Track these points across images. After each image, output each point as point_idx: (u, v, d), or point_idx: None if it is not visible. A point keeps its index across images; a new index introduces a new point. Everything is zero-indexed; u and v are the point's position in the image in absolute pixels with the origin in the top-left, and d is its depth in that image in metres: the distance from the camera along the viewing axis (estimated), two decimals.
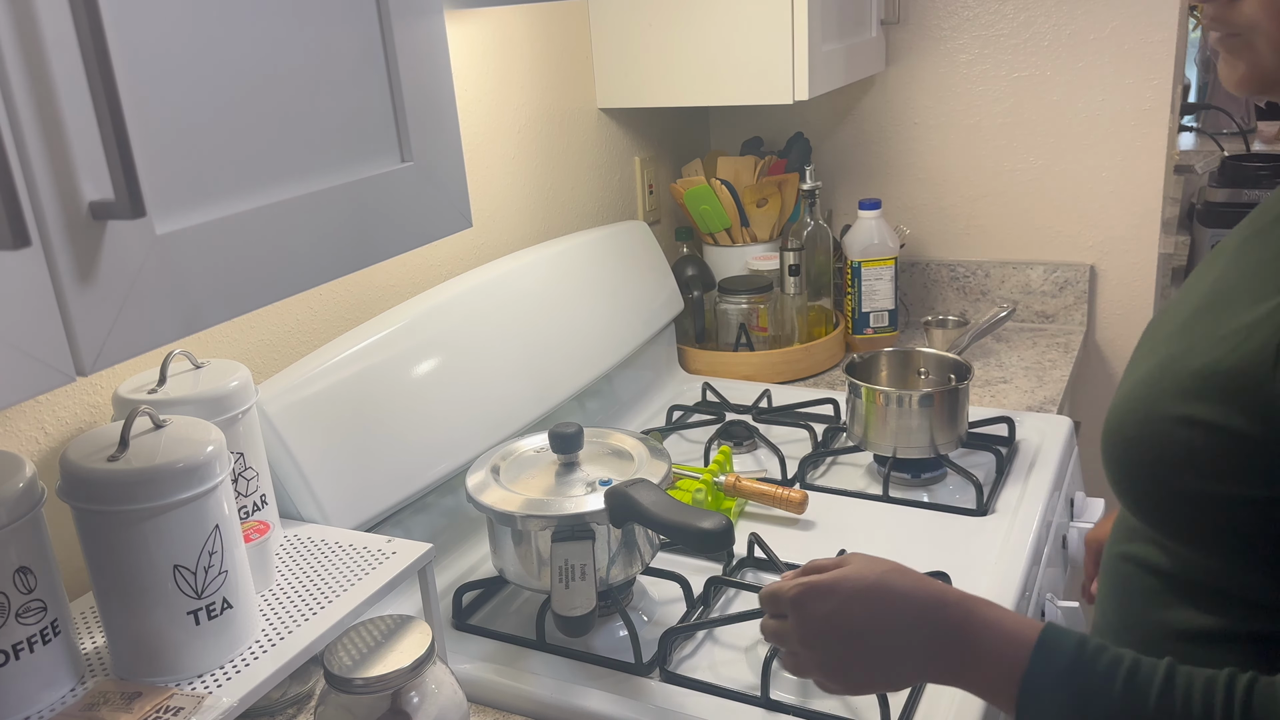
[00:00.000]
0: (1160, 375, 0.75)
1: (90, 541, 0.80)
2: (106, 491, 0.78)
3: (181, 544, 0.80)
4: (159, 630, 0.81)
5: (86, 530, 0.80)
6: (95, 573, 0.81)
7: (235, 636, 0.85)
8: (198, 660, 0.83)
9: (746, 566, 1.25)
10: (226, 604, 0.84)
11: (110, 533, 0.79)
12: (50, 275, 0.55)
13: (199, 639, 0.83)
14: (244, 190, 0.66)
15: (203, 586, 0.82)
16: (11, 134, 0.53)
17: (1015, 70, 1.95)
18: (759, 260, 1.92)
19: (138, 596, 0.80)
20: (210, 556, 0.82)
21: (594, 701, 1.02)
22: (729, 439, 1.56)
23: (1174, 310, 0.82)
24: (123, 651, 0.83)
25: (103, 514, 0.78)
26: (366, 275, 1.32)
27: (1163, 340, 0.79)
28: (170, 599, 0.81)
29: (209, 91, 0.63)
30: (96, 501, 0.78)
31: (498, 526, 1.12)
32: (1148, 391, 0.75)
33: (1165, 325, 0.81)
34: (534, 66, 1.61)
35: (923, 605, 0.76)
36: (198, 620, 0.82)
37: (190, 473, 0.80)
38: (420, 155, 0.80)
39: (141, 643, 0.82)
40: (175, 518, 0.79)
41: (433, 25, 0.80)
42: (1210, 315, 0.74)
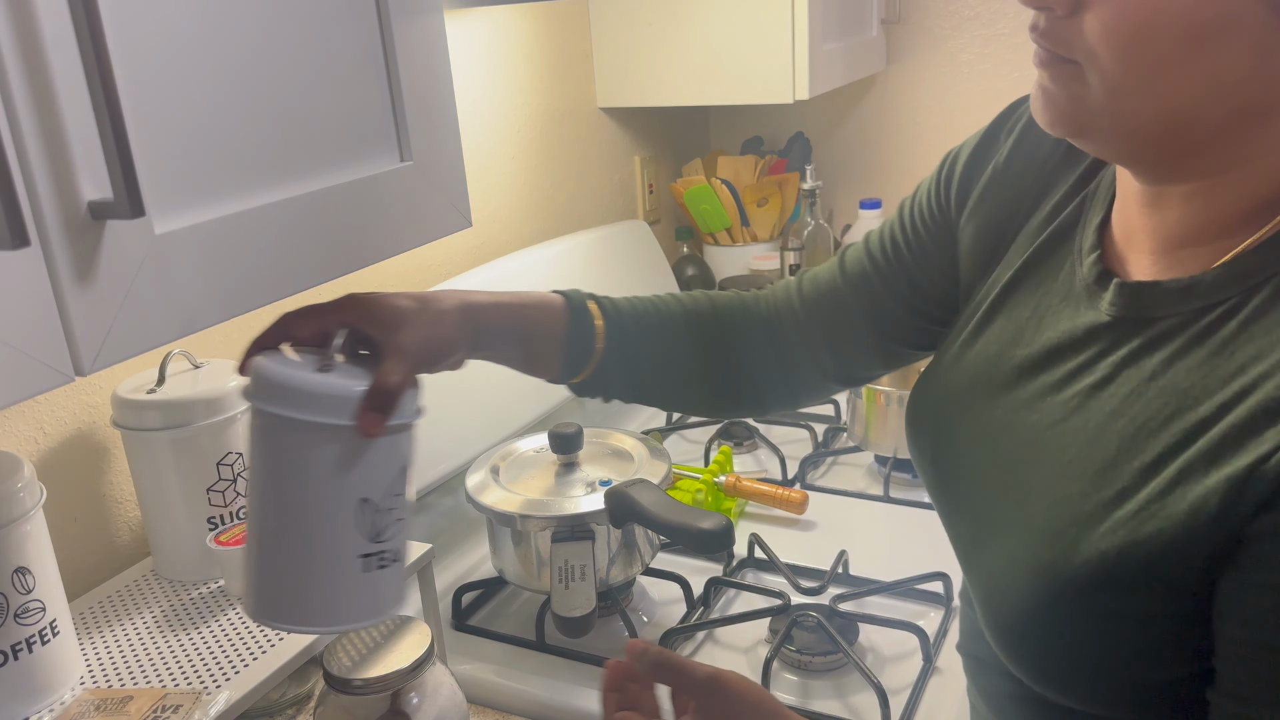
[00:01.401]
0: (1047, 563, 0.61)
1: (271, 457, 0.68)
2: (318, 401, 0.65)
3: (373, 476, 0.67)
4: (323, 568, 0.67)
5: (272, 442, 0.67)
6: (265, 491, 0.68)
7: (386, 597, 0.69)
8: (348, 610, 0.68)
9: (747, 567, 1.25)
10: (395, 557, 0.69)
11: (305, 449, 0.66)
12: (49, 275, 0.55)
13: (361, 587, 0.68)
14: (243, 190, 0.66)
15: (381, 530, 0.68)
16: (10, 133, 0.53)
17: (1016, 69, 1.95)
18: (759, 260, 1.92)
19: (313, 525, 0.67)
20: (395, 499, 0.69)
21: (594, 702, 1.02)
22: (729, 439, 1.56)
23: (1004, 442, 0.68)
24: (268, 589, 0.68)
25: (309, 425, 0.65)
26: (366, 275, 1.32)
27: (1007, 493, 0.66)
28: (345, 535, 0.67)
29: (208, 91, 0.63)
30: (303, 409, 0.65)
31: (498, 527, 1.12)
32: (1039, 581, 0.61)
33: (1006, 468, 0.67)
34: (534, 66, 1.61)
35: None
36: (366, 567, 0.68)
37: (409, 397, 0.69)
38: (420, 155, 0.80)
39: (299, 580, 0.67)
40: (379, 444, 0.67)
41: (433, 25, 0.79)
42: (1079, 484, 0.61)
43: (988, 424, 0.70)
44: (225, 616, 0.91)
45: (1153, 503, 0.57)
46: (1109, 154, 0.61)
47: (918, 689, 1.01)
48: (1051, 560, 0.61)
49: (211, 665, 0.84)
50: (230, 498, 0.97)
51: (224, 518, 0.97)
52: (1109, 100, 0.56)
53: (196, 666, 0.84)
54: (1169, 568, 0.56)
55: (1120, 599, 0.58)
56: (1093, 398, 0.63)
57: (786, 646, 1.05)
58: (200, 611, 0.92)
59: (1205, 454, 0.55)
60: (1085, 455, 0.61)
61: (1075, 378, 0.64)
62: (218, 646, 0.87)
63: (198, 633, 0.89)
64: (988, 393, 0.71)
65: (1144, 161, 0.60)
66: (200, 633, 0.89)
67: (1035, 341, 0.68)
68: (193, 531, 0.96)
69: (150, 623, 0.91)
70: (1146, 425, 0.59)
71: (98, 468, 1.01)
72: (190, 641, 0.88)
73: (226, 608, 0.93)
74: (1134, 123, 0.56)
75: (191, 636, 0.88)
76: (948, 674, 1.03)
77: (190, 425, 0.93)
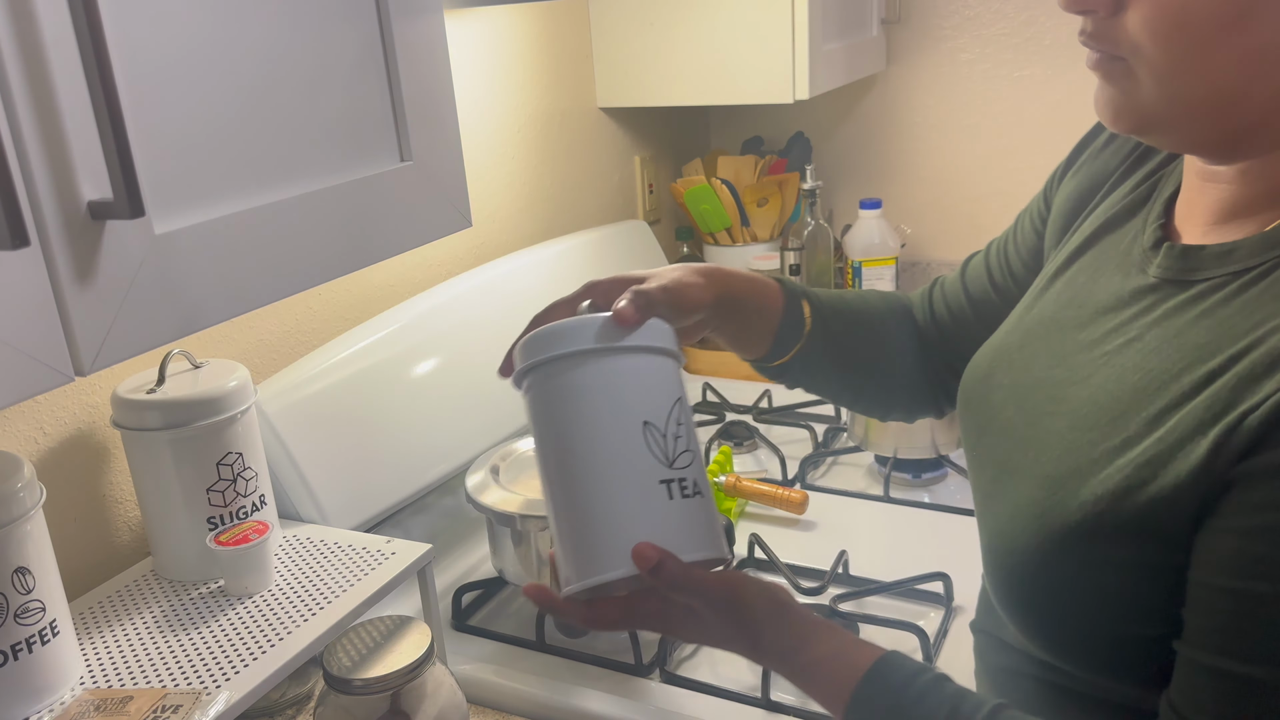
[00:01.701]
0: (1046, 505, 0.64)
1: (555, 407, 0.70)
2: (576, 332, 0.69)
3: (649, 399, 0.68)
4: (631, 499, 0.67)
5: (551, 395, 0.70)
6: (559, 448, 0.69)
7: (702, 533, 0.67)
8: (672, 540, 0.65)
9: (747, 567, 1.24)
10: (697, 489, 0.68)
11: (579, 386, 0.69)
12: (49, 275, 0.55)
13: (673, 515, 0.66)
14: (243, 190, 0.66)
15: (673, 456, 0.67)
16: (10, 134, 0.53)
17: (1017, 69, 1.95)
18: (759, 260, 1.92)
19: (608, 459, 0.67)
20: (679, 428, 0.68)
21: (594, 702, 1.02)
22: (729, 439, 1.56)
23: (1011, 398, 0.72)
24: (586, 546, 0.68)
25: (575, 357, 0.69)
26: (366, 275, 1.32)
27: (1029, 445, 0.69)
28: (641, 460, 0.67)
29: (208, 91, 0.63)
30: (565, 344, 0.69)
31: (497, 527, 1.12)
32: (1037, 525, 0.65)
33: (1031, 421, 0.70)
34: (534, 66, 1.61)
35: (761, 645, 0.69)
36: (670, 493, 0.66)
37: (665, 332, 0.72)
38: (420, 155, 0.80)
39: (615, 521, 0.66)
40: (646, 367, 0.69)
41: (433, 25, 0.79)
42: (1091, 434, 0.64)
43: (1024, 381, 0.73)
44: (225, 616, 0.91)
45: (1150, 452, 0.59)
46: (1170, 144, 0.64)
47: None
48: (1050, 506, 0.63)
49: (211, 665, 0.84)
50: (230, 498, 0.97)
51: (224, 518, 0.97)
52: (1159, 89, 0.58)
53: (196, 666, 0.84)
54: (1160, 519, 0.58)
55: (1112, 547, 0.60)
56: (1120, 354, 0.65)
57: None
58: (200, 611, 0.92)
59: (1208, 406, 0.57)
60: (1100, 407, 0.64)
61: (1110, 337, 0.67)
62: (218, 646, 0.87)
63: (198, 633, 0.89)
64: (1032, 352, 0.74)
65: (1203, 145, 0.62)
66: (200, 633, 0.89)
67: (1086, 304, 0.71)
68: (193, 531, 0.96)
69: (150, 623, 0.91)
70: (1159, 378, 0.61)
71: (98, 468, 1.01)
72: (190, 641, 0.88)
73: (226, 608, 0.93)
74: (1185, 108, 0.59)
75: (191, 636, 0.88)
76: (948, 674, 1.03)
77: (190, 425, 0.93)
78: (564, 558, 0.69)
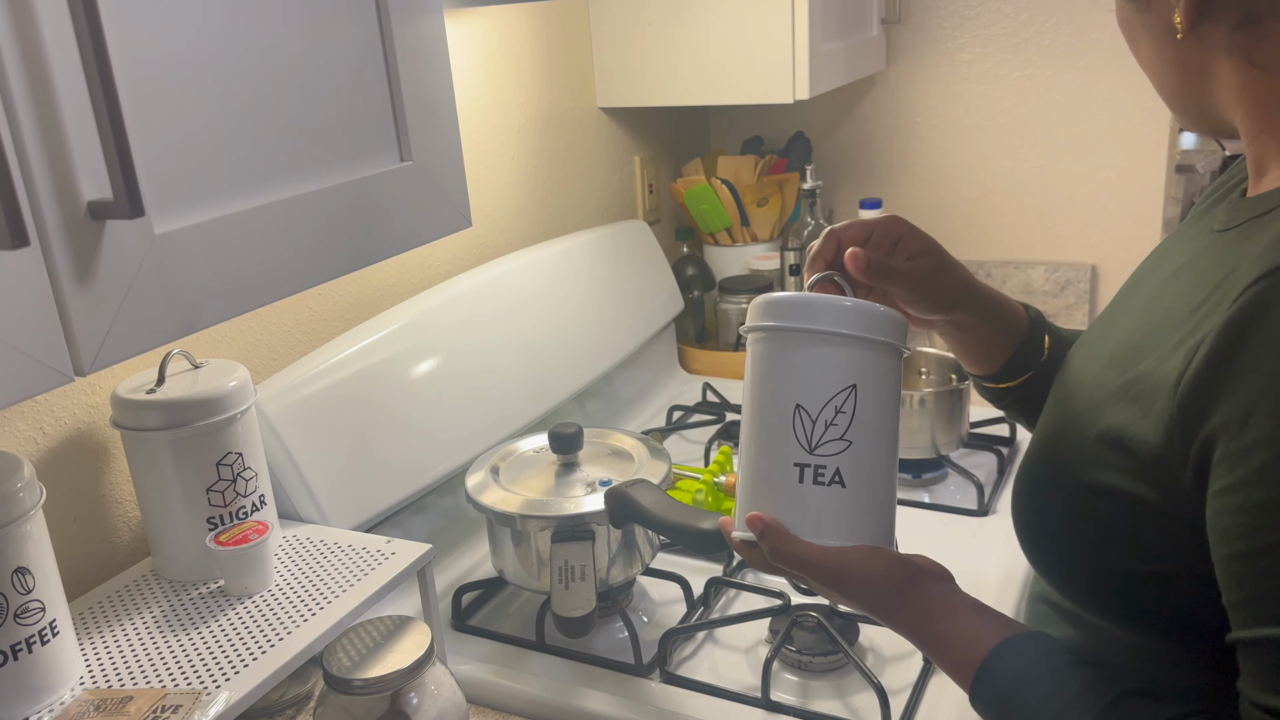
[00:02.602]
0: (1066, 436, 0.72)
1: (747, 372, 0.76)
2: (795, 310, 0.73)
3: (808, 384, 0.72)
4: (766, 472, 0.74)
5: (748, 357, 0.76)
6: (744, 409, 0.77)
7: (828, 520, 0.73)
8: (790, 519, 0.72)
9: (746, 567, 1.25)
10: (838, 478, 0.72)
11: (757, 355, 0.75)
12: (49, 275, 0.55)
13: (799, 499, 0.72)
14: (243, 190, 0.66)
15: (816, 442, 0.72)
16: (10, 134, 0.53)
17: (1016, 69, 1.95)
18: (759, 260, 1.92)
19: (760, 430, 0.74)
20: (837, 415, 0.72)
21: (594, 702, 1.02)
22: (729, 439, 1.56)
23: (1101, 340, 0.78)
24: (740, 506, 0.76)
25: (763, 331, 0.74)
26: (366, 275, 1.32)
27: (1069, 392, 0.77)
28: (783, 438, 0.73)
29: (208, 91, 0.63)
30: (758, 319, 0.74)
31: (497, 527, 1.12)
32: (1055, 454, 0.74)
33: (1090, 358, 0.77)
34: (534, 66, 1.61)
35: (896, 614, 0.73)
36: (801, 476, 0.72)
37: (891, 321, 0.75)
38: (420, 155, 0.80)
39: (753, 488, 0.75)
40: (815, 355, 0.73)
41: (433, 25, 0.79)
42: (1114, 370, 0.71)
43: (1089, 337, 0.81)
44: (225, 616, 0.91)
45: (1142, 386, 0.66)
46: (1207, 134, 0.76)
47: (918, 689, 1.01)
48: (1063, 439, 0.72)
49: (211, 665, 0.84)
50: (230, 498, 0.97)
51: (224, 518, 0.97)
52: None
53: (196, 666, 0.84)
54: (1143, 453, 0.64)
55: (1114, 478, 0.67)
56: (1157, 299, 0.72)
57: (786, 646, 1.05)
58: (200, 611, 0.92)
59: (1192, 332, 0.63)
60: (1124, 345, 0.71)
61: (1157, 288, 0.73)
62: (218, 646, 0.87)
63: (198, 633, 0.89)
64: (1107, 312, 0.81)
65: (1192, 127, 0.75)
66: (200, 633, 0.89)
67: (1161, 265, 0.77)
68: (193, 531, 0.96)
69: (150, 623, 0.91)
70: (1171, 312, 0.68)
71: (98, 468, 1.01)
72: (190, 641, 0.88)
73: (226, 608, 0.93)
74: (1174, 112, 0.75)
75: (191, 636, 0.88)
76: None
77: (190, 425, 0.93)
78: (736, 504, 0.78)
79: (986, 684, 0.67)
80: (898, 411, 0.76)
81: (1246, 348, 0.58)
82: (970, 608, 0.72)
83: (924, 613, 0.71)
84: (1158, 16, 0.70)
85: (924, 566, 0.74)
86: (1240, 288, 0.60)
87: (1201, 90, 0.70)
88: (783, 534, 0.72)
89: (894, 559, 0.73)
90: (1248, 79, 0.67)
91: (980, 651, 0.68)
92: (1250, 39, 0.66)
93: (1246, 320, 0.58)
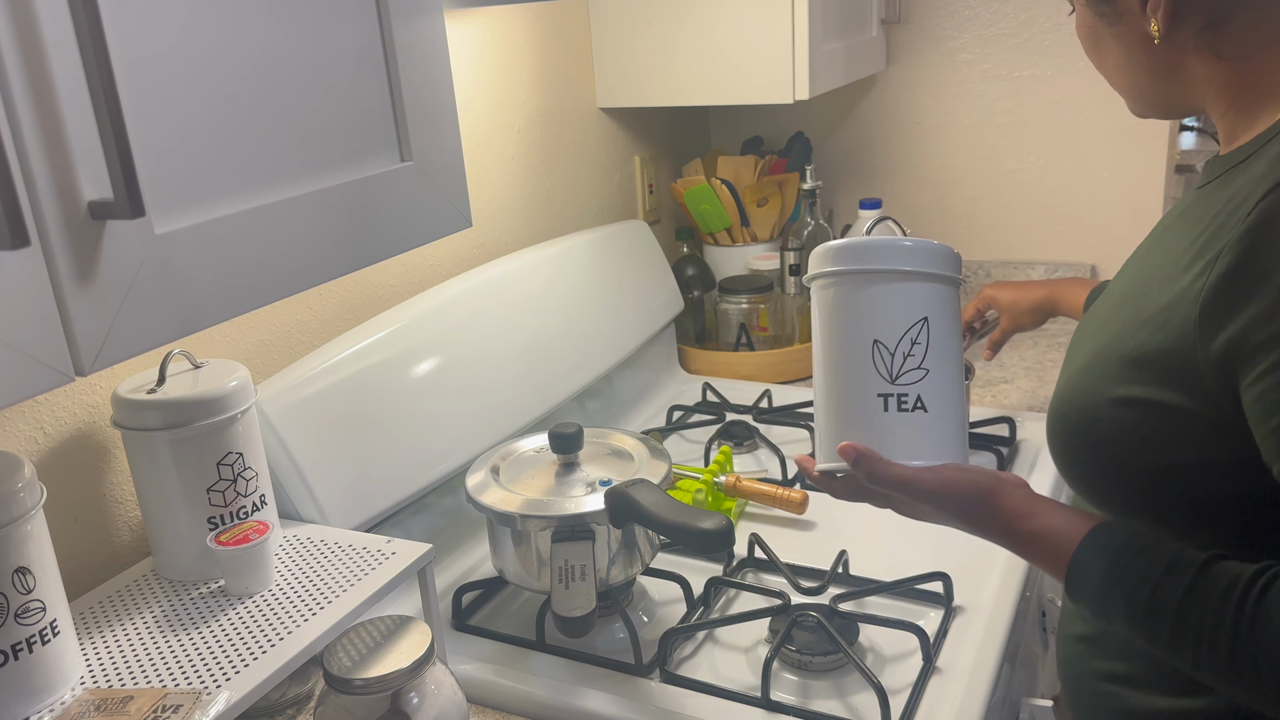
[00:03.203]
0: (1093, 364, 0.81)
1: (815, 316, 0.87)
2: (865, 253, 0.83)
3: (884, 320, 0.82)
4: (850, 405, 0.83)
5: (815, 303, 0.86)
6: (816, 351, 0.86)
7: (916, 442, 0.83)
8: (883, 445, 0.82)
9: (747, 567, 1.25)
10: (920, 403, 0.82)
11: (830, 299, 0.84)
12: (49, 275, 0.55)
13: (887, 425, 0.82)
14: (243, 190, 0.66)
15: (897, 372, 0.82)
16: (11, 134, 0.53)
17: (1016, 70, 1.95)
18: (759, 260, 1.92)
19: (839, 367, 0.84)
20: (913, 347, 0.82)
21: (594, 702, 1.02)
22: (729, 439, 1.56)
23: (1104, 301, 0.87)
24: (824, 438, 0.86)
25: (830, 276, 0.84)
26: (366, 275, 1.32)
27: (1093, 330, 0.85)
28: (864, 372, 0.82)
29: (208, 91, 0.63)
30: (826, 264, 0.84)
31: (498, 527, 1.12)
32: (1083, 381, 0.82)
33: (1096, 316, 0.87)
34: (534, 66, 1.61)
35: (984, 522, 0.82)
36: (886, 405, 0.82)
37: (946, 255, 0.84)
38: (420, 155, 0.80)
39: (839, 420, 0.84)
40: (889, 290, 0.82)
41: (433, 25, 0.79)
42: (1133, 302, 0.80)
43: (1108, 288, 0.90)
44: (225, 616, 0.91)
45: (1161, 303, 0.75)
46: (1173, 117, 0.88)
47: (918, 689, 1.01)
48: (1092, 366, 0.81)
49: (211, 665, 0.84)
50: (230, 498, 0.97)
51: (224, 518, 0.97)
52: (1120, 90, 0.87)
53: (196, 666, 0.84)
54: (1167, 363, 0.73)
55: (1138, 390, 0.76)
56: (1154, 249, 0.83)
57: (786, 646, 1.05)
58: (200, 611, 0.92)
59: (1200, 255, 0.72)
60: (1133, 287, 0.82)
61: (1150, 244, 0.85)
62: (218, 646, 0.87)
63: (198, 633, 0.89)
64: (1113, 278, 0.92)
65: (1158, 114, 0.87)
66: (200, 633, 0.89)
67: (1154, 232, 0.87)
68: (193, 531, 0.96)
69: (150, 623, 0.91)
70: (1171, 252, 0.78)
71: (98, 468, 1.01)
72: (190, 641, 0.88)
73: (227, 607, 0.93)
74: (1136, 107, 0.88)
75: (191, 636, 0.89)
76: (948, 674, 1.03)
77: (190, 425, 0.93)
78: (816, 441, 0.88)
79: (1081, 572, 0.75)
80: (961, 338, 0.86)
81: (1265, 250, 0.67)
82: (1053, 506, 0.79)
83: (1015, 514, 0.79)
84: (1130, 28, 0.79)
85: (1003, 476, 0.82)
86: (1251, 205, 0.69)
87: (1170, 86, 0.81)
88: (877, 459, 0.81)
89: (980, 472, 0.82)
90: (1215, 70, 0.77)
91: (1070, 543, 0.76)
92: (1217, 36, 0.76)
93: (1261, 228, 0.68)
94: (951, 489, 0.81)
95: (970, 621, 1.11)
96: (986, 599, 1.15)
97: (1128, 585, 0.72)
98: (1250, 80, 0.76)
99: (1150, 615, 0.70)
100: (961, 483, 0.81)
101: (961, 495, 0.80)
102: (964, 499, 0.80)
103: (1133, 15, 0.78)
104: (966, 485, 0.80)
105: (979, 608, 1.13)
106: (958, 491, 0.80)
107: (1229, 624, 0.66)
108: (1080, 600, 0.75)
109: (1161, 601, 0.70)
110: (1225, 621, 0.67)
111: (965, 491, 0.80)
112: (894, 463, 0.81)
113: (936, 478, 0.81)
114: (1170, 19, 0.76)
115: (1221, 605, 0.67)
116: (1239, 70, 0.76)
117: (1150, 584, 0.70)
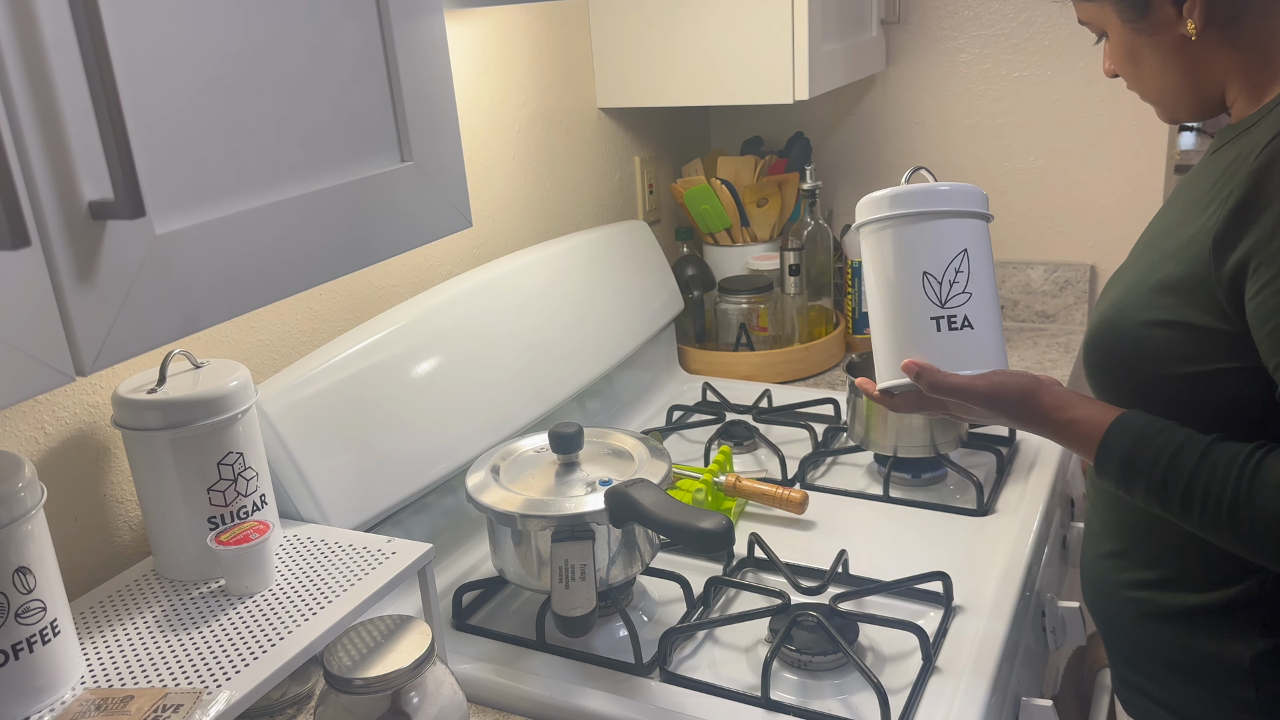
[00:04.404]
0: (1125, 296, 0.94)
1: (867, 257, 1.01)
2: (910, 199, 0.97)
3: (932, 254, 0.97)
4: (907, 329, 0.98)
5: (868, 246, 1.01)
6: (869, 287, 1.02)
7: (968, 353, 0.97)
8: (940, 360, 0.96)
9: (747, 567, 1.25)
10: (967, 322, 0.97)
11: (882, 241, 0.99)
12: (50, 275, 0.55)
13: (941, 343, 0.97)
14: (243, 190, 0.66)
15: (946, 298, 0.96)
16: (11, 134, 0.53)
17: (1016, 70, 1.95)
18: (759, 260, 1.92)
19: (895, 298, 0.99)
20: (957, 275, 0.96)
21: (594, 702, 1.02)
22: (729, 439, 1.56)
23: (1134, 247, 1.01)
24: (883, 361, 1.01)
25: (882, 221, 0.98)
26: (366, 275, 1.32)
27: (1125, 270, 0.98)
28: (918, 300, 0.97)
29: (208, 91, 0.63)
30: (873, 211, 0.99)
31: (498, 526, 1.12)
32: (1117, 310, 0.94)
33: (1127, 262, 0.99)
34: (534, 66, 1.61)
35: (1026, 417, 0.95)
36: (938, 326, 0.97)
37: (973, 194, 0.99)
38: (420, 155, 0.80)
39: (899, 343, 0.99)
40: (930, 229, 0.97)
41: (433, 25, 0.80)
42: (1158, 243, 0.94)
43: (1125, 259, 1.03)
44: (225, 616, 0.91)
45: (1182, 240, 0.88)
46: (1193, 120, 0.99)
47: (918, 689, 1.01)
48: (1123, 297, 0.94)
49: (212, 665, 0.84)
50: (231, 497, 0.97)
51: (224, 517, 0.97)
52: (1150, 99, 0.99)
53: (197, 666, 0.84)
54: (1188, 288, 0.87)
55: (1165, 313, 0.89)
56: (1171, 207, 0.96)
57: (786, 646, 1.05)
58: (200, 611, 0.92)
59: (1214, 199, 0.85)
60: (1157, 231, 0.96)
61: (1169, 203, 0.98)
62: (218, 646, 0.87)
63: (198, 633, 0.89)
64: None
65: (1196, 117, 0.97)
66: (200, 633, 0.89)
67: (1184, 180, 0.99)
68: (193, 531, 0.96)
69: (150, 623, 0.91)
70: (1187, 205, 0.91)
71: (98, 467, 1.01)
72: (190, 641, 0.88)
73: (227, 607, 0.93)
74: (1166, 104, 0.98)
75: (192, 636, 0.89)
76: (948, 674, 1.03)
77: (190, 425, 0.93)
78: (875, 364, 1.02)
79: (1110, 449, 0.88)
80: (993, 264, 0.99)
81: (1269, 185, 0.80)
82: (1085, 399, 0.93)
83: (1053, 407, 0.92)
84: (1164, 36, 0.90)
85: (1040, 377, 0.96)
86: (1257, 151, 0.82)
87: (1199, 82, 0.92)
88: (936, 371, 0.96)
89: (1021, 375, 0.95)
90: (1231, 58, 0.90)
91: (1100, 428, 0.89)
92: (1234, 29, 0.88)
93: (1264, 168, 0.80)
94: (1000, 391, 0.94)
95: (970, 621, 1.11)
96: (986, 599, 1.15)
97: (1147, 460, 0.86)
98: (1263, 60, 0.89)
99: (1165, 485, 0.85)
100: (1008, 384, 0.94)
101: (1008, 395, 0.94)
102: (1010, 398, 0.94)
103: (1168, 22, 0.89)
104: (1012, 386, 0.94)
105: (979, 607, 1.13)
106: (1005, 393, 0.94)
107: (1230, 490, 0.81)
108: (1106, 475, 0.89)
109: (1175, 473, 0.84)
110: (1227, 488, 0.81)
111: (1011, 392, 0.94)
112: (950, 374, 0.95)
113: (987, 382, 0.94)
114: (1205, 17, 0.87)
115: (1225, 475, 0.81)
116: (1253, 56, 0.89)
117: (1166, 458, 0.85)
